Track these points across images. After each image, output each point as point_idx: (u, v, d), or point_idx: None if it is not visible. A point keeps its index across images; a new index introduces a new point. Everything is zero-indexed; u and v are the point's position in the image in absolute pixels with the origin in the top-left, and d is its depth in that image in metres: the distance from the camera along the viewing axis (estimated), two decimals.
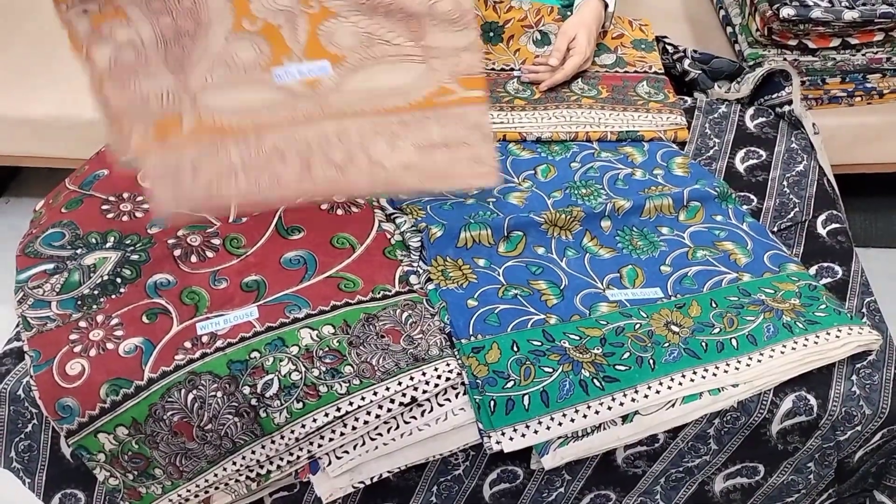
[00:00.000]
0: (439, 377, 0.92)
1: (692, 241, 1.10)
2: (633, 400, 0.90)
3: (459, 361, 0.93)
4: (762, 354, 0.95)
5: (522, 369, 0.91)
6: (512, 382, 0.90)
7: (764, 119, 1.31)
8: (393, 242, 1.06)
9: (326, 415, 0.90)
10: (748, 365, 0.94)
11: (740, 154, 1.27)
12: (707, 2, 1.86)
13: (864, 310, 1.07)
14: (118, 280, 1.01)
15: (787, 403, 0.95)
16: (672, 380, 0.92)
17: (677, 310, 1.00)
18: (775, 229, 1.16)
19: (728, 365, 0.94)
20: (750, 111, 1.32)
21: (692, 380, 0.92)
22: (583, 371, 0.91)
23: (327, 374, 0.92)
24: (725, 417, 0.94)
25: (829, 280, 1.10)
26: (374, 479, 0.89)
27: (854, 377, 0.97)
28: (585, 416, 0.89)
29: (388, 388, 0.91)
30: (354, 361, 0.93)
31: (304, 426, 0.90)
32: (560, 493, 0.99)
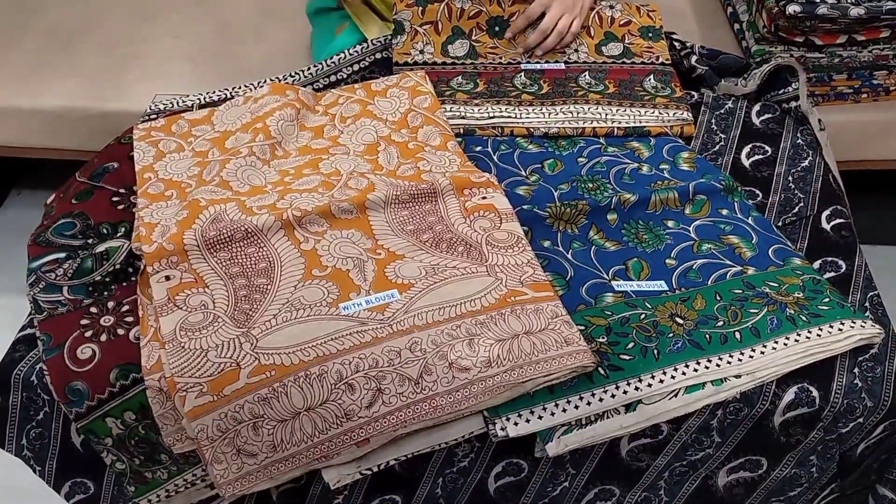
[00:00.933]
0: None
1: (697, 235, 1.11)
2: (636, 389, 0.91)
3: None
4: (765, 346, 0.95)
5: None
6: None
7: (770, 115, 1.31)
8: None
9: None
10: (751, 357, 0.94)
11: (746, 149, 1.27)
12: None
13: (867, 304, 1.07)
14: (130, 269, 1.02)
15: (789, 395, 0.95)
16: (676, 370, 0.93)
17: (682, 303, 1.01)
18: (780, 224, 1.17)
19: (731, 356, 0.94)
20: (756, 107, 1.33)
21: (696, 370, 0.93)
22: None
23: None
24: (728, 409, 0.95)
25: (832, 274, 1.10)
26: (381, 467, 0.90)
27: (856, 370, 0.97)
28: (590, 404, 0.90)
29: None
30: None
31: None
32: (564, 487, 1.00)
